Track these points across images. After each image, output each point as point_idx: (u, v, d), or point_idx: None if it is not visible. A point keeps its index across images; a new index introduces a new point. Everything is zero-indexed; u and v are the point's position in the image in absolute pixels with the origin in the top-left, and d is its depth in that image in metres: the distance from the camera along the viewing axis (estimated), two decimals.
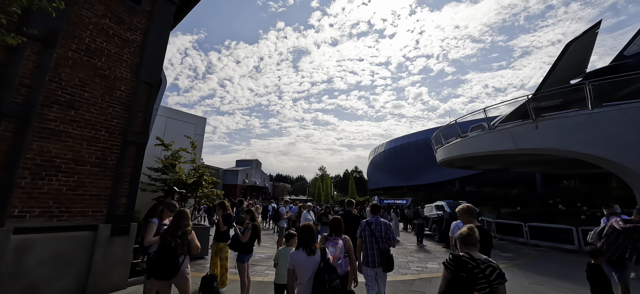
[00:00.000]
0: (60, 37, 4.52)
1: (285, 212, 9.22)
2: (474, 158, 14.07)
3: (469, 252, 2.21)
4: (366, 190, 52.68)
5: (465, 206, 3.54)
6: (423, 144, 35.20)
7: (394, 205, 23.22)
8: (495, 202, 23.98)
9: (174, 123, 9.20)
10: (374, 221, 3.95)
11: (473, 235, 2.26)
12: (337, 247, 3.28)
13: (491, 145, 11.44)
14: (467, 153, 12.72)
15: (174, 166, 7.34)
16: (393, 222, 13.21)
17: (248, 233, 4.32)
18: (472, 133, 12.91)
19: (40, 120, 4.23)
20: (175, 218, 3.55)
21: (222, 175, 56.00)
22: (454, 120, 13.69)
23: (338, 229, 3.47)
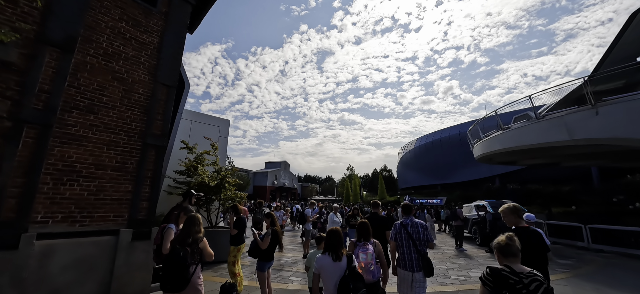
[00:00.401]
0: (78, 42, 4.52)
1: (311, 214, 8.83)
2: (518, 153, 12.60)
3: (510, 265, 1.95)
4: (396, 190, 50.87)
5: (511, 205, 3.12)
6: (456, 139, 33.03)
7: (428, 205, 21.88)
8: (543, 201, 21.58)
9: (199, 126, 9.27)
10: (409, 222, 3.72)
11: (513, 244, 2.00)
12: (368, 253, 3.14)
13: (540, 136, 10.08)
14: (510, 146, 11.39)
15: (196, 169, 7.28)
16: (428, 223, 12.27)
17: (268, 239, 3.96)
18: (515, 124, 11.55)
19: (61, 125, 4.24)
20: (185, 224, 3.28)
21: (252, 177, 57.53)
22: (493, 111, 12.38)
23: (366, 233, 3.31)
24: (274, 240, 4.04)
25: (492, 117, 13.44)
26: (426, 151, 37.99)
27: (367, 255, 3.12)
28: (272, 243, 4.03)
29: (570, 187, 22.85)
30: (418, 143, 40.59)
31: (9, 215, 3.70)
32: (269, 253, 4.03)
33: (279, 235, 4.13)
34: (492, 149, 12.82)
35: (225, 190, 7.50)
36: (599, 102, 8.60)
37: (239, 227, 4.86)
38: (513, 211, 3.05)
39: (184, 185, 7.61)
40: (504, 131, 11.85)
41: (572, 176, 25.00)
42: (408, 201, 15.63)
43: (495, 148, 12.49)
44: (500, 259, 2.04)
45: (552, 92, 10.36)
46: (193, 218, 3.31)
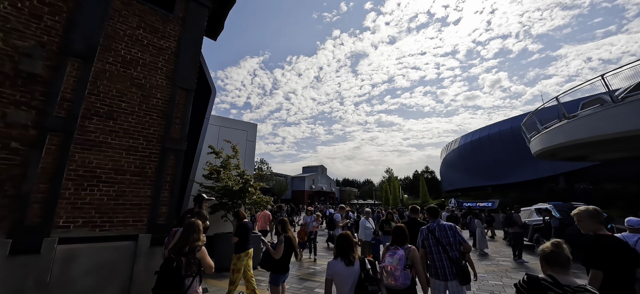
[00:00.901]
0: (98, 51, 4.64)
1: (340, 219, 8.26)
2: (590, 145, 10.53)
3: (554, 275, 1.73)
4: (440, 192, 47.43)
5: (589, 209, 2.52)
6: (508, 135, 29.57)
7: (477, 209, 19.73)
8: (626, 203, 17.96)
9: (227, 131, 9.33)
10: (436, 226, 3.47)
11: (561, 251, 1.78)
12: (395, 257, 2.99)
13: (619, 124, 8.22)
14: (579, 138, 9.54)
15: (219, 173, 7.20)
16: (478, 230, 10.83)
17: (281, 248, 3.53)
18: (585, 111, 9.66)
19: (82, 132, 4.34)
20: (183, 231, 3.00)
21: (290, 182, 58.57)
22: (554, 98, 10.54)
23: (400, 238, 3.16)
24: (288, 249, 3.59)
25: (551, 107, 11.52)
26: (472, 149, 34.71)
27: (393, 259, 2.97)
28: (286, 252, 3.58)
29: None
30: (463, 141, 37.33)
31: (34, 220, 3.82)
32: (284, 264, 3.58)
33: (294, 242, 3.67)
34: (555, 143, 10.93)
35: (249, 194, 7.32)
36: None
37: (241, 234, 4.50)
38: (592, 216, 2.46)
39: (212, 190, 7.61)
40: (569, 120, 10.00)
41: None
42: (454, 205, 14.35)
43: (559, 141, 10.61)
44: (544, 268, 1.82)
45: (634, 67, 8.39)
46: (191, 224, 3.01)
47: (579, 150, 12.53)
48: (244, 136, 9.74)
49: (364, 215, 7.84)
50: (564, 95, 10.49)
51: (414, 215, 5.47)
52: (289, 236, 3.68)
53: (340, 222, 8.10)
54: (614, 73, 8.63)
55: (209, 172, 7.21)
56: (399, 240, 3.18)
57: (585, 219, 2.50)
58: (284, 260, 3.67)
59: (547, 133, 11.44)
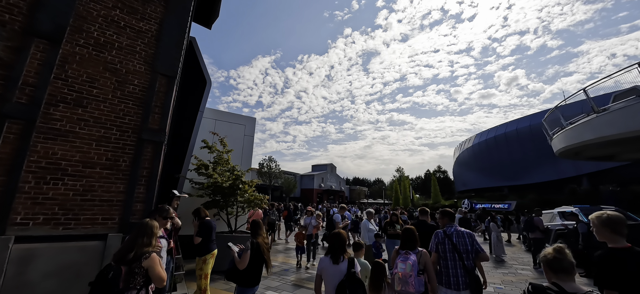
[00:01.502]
0: (67, 32, 4.23)
1: (340, 220, 7.66)
2: (621, 143, 9.48)
3: (559, 282, 1.64)
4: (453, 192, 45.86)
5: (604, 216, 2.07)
6: (527, 133, 28.00)
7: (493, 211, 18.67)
8: None
9: (223, 125, 8.91)
10: (453, 231, 3.26)
11: (564, 257, 1.69)
12: (408, 263, 2.83)
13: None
14: (610, 134, 8.54)
15: (207, 168, 6.74)
16: (494, 234, 9.99)
17: (247, 256, 2.98)
18: (617, 104, 8.64)
19: (46, 120, 3.94)
20: (132, 234, 2.51)
21: (299, 180, 58.27)
22: (582, 90, 9.53)
23: (410, 241, 3.05)
24: (256, 257, 3.03)
25: (575, 104, 10.51)
26: (487, 148, 33.19)
27: (406, 266, 2.81)
28: (253, 261, 3.01)
29: None
30: (477, 140, 35.79)
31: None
32: (251, 275, 3.02)
33: (264, 249, 3.11)
34: (581, 140, 9.91)
35: (241, 191, 6.83)
36: None
37: (203, 234, 4.03)
38: (605, 224, 2.02)
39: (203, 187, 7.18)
40: (599, 115, 8.99)
41: None
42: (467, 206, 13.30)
43: (586, 138, 9.59)
44: (549, 275, 1.75)
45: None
46: (143, 226, 2.52)
47: (607, 148, 11.40)
48: (242, 130, 9.29)
49: (366, 216, 7.21)
50: (591, 87, 9.46)
51: (423, 217, 5.21)
52: (257, 242, 3.12)
53: (340, 223, 7.51)
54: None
55: (196, 167, 6.75)
56: (410, 244, 3.03)
57: (599, 227, 2.07)
58: (252, 271, 3.06)
59: (572, 129, 10.42)
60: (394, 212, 6.96)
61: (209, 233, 4.17)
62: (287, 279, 6.34)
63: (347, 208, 8.49)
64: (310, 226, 7.42)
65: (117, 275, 2.22)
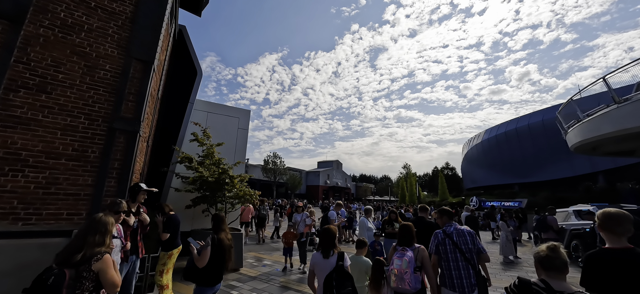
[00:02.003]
0: (30, 12, 3.90)
1: (335, 217, 7.23)
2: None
3: (547, 280, 1.63)
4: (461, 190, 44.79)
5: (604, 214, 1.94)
6: (539, 128, 26.89)
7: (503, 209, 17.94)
8: None
9: (216, 118, 8.56)
10: (453, 230, 3.13)
11: (557, 256, 1.65)
12: (404, 259, 2.81)
13: None
14: (634, 126, 7.82)
15: (191, 161, 6.40)
16: (503, 234, 9.41)
17: (206, 253, 2.60)
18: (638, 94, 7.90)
19: (4, 106, 3.63)
20: (80, 230, 2.18)
21: (304, 176, 58.08)
22: (601, 78, 8.79)
23: (407, 238, 3.04)
24: (217, 254, 2.64)
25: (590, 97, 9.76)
26: (497, 144, 32.11)
27: (402, 262, 2.80)
28: (215, 258, 2.63)
29: None
30: (487, 136, 34.69)
31: None
32: (211, 274, 2.64)
33: (225, 246, 2.72)
34: (600, 133, 9.19)
35: (230, 186, 6.47)
36: None
37: (170, 229, 3.72)
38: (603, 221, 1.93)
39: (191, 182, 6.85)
40: (620, 105, 8.26)
41: None
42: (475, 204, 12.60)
43: (606, 131, 8.87)
44: (539, 272, 1.73)
45: None
46: (95, 222, 2.18)
47: (628, 142, 10.58)
48: (235, 123, 8.93)
49: (364, 214, 6.75)
50: (612, 75, 8.68)
51: (422, 214, 5.08)
52: (219, 237, 2.74)
53: (335, 220, 7.08)
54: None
55: (180, 160, 6.42)
56: (406, 240, 3.02)
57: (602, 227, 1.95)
58: (212, 269, 2.74)
59: (589, 122, 9.69)
60: (393, 210, 6.45)
61: (175, 228, 3.88)
62: (276, 279, 5.97)
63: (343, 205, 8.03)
64: (301, 224, 7.02)
65: (59, 280, 1.86)
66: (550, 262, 1.67)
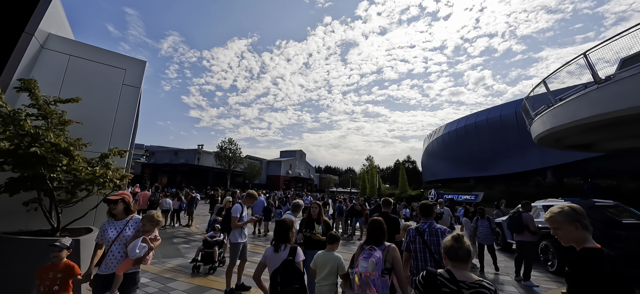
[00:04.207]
0: None
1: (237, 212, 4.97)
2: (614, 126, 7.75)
3: (452, 270, 1.66)
4: (421, 183, 45.49)
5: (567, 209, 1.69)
6: (496, 124, 27.23)
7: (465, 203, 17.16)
8: (625, 202, 15.87)
9: (86, 66, 5.72)
10: (426, 228, 3.01)
11: (461, 246, 1.70)
12: (370, 261, 2.42)
13: None
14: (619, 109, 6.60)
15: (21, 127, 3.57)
16: (467, 232, 7.91)
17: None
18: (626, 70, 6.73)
19: None
20: None
21: (265, 166, 54.98)
22: (582, 54, 7.54)
23: (377, 235, 2.69)
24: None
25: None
26: (457, 138, 32.36)
27: (368, 264, 2.39)
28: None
29: None
30: (447, 129, 34.93)
31: None
32: None
33: None
34: (575, 118, 8.03)
35: (69, 160, 3.83)
36: None
37: None
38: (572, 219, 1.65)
39: None
40: (601, 86, 7.06)
41: None
42: (433, 196, 10.18)
43: (582, 116, 7.69)
44: (446, 262, 1.77)
45: None
46: None
47: (589, 134, 9.83)
48: (119, 77, 6.12)
49: (291, 209, 4.55)
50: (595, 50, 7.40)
51: (386, 209, 4.69)
52: None
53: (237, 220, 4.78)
54: None
55: None
56: (376, 238, 2.69)
57: (564, 225, 1.68)
58: None
59: (562, 107, 8.55)
60: (316, 202, 4.26)
61: None
62: None
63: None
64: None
65: None
66: (455, 252, 1.69)
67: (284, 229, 2.72)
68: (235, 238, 4.53)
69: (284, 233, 2.69)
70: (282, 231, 2.71)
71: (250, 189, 6.95)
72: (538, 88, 10.11)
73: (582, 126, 8.34)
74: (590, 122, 7.74)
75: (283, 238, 2.67)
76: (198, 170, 41.79)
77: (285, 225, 2.74)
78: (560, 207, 1.73)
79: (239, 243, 4.54)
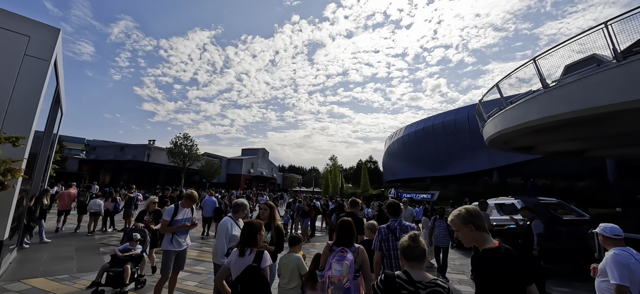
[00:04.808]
0: None
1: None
2: (558, 128, 8.37)
3: (409, 271, 1.70)
4: (382, 182, 46.96)
5: (463, 212, 1.83)
6: (451, 126, 29.01)
7: (426, 202, 17.69)
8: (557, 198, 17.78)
9: None
10: (397, 226, 3.03)
11: (417, 245, 1.73)
12: (344, 264, 2.35)
13: (627, 90, 5.72)
14: (564, 112, 7.00)
15: None
16: (425, 232, 7.88)
17: None
18: (571, 76, 7.19)
19: None
20: None
21: (225, 164, 52.24)
22: (531, 59, 7.95)
23: (347, 237, 2.60)
24: None
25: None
26: (416, 139, 33.89)
27: (343, 267, 2.32)
28: None
29: (584, 183, 19.21)
30: (407, 131, 36.44)
31: None
32: None
33: None
34: (524, 121, 8.46)
35: None
36: None
37: None
38: (466, 221, 1.78)
39: None
40: (548, 90, 7.47)
41: (584, 171, 21.49)
42: (392, 195, 9.79)
43: (530, 118, 8.11)
44: (403, 263, 1.77)
45: None
46: None
47: (532, 137, 10.60)
48: (19, 46, 4.81)
49: (232, 210, 3.83)
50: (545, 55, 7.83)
51: (353, 209, 4.74)
52: None
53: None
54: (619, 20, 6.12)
55: None
56: (346, 239, 2.59)
57: (460, 227, 1.80)
58: None
59: (512, 109, 9.01)
60: (266, 204, 3.62)
61: None
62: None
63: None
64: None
65: None
66: (412, 252, 1.71)
67: (252, 231, 2.46)
68: (166, 245, 3.69)
69: (251, 236, 2.45)
70: (249, 233, 2.46)
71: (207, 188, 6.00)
72: (493, 94, 10.59)
73: (529, 128, 8.85)
74: (536, 125, 8.19)
75: (250, 241, 2.43)
76: (148, 168, 38.05)
77: (253, 226, 2.49)
78: (459, 210, 1.83)
79: (170, 251, 3.70)
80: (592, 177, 20.68)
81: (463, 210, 1.82)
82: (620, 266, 2.35)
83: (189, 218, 3.94)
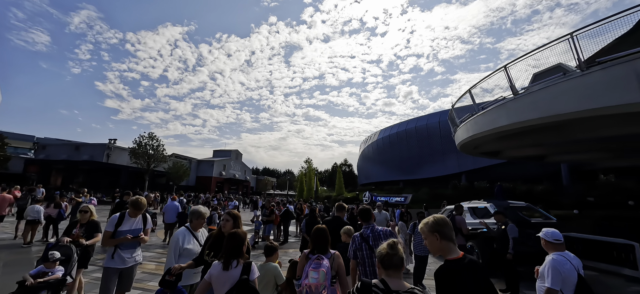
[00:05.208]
0: None
1: None
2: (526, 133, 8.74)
3: (386, 279, 1.66)
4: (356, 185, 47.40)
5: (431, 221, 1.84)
6: (424, 131, 29.95)
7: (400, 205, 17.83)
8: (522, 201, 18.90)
9: None
10: (370, 233, 2.96)
11: (396, 253, 1.70)
12: (321, 271, 2.34)
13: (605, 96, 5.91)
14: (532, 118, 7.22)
15: None
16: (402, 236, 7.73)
17: None
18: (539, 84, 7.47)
19: None
20: None
21: (194, 166, 49.74)
22: (503, 67, 8.20)
23: (322, 244, 2.59)
24: None
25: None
26: (391, 144, 34.58)
27: (319, 274, 2.30)
28: None
29: (542, 186, 20.63)
30: (381, 135, 37.12)
31: None
32: None
33: None
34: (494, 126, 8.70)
35: None
36: None
37: None
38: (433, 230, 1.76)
39: None
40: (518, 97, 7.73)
41: (541, 175, 23.12)
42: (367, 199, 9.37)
43: (501, 124, 8.36)
44: (380, 271, 1.75)
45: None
46: None
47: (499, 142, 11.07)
48: None
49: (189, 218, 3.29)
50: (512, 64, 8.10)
51: (339, 214, 4.57)
52: None
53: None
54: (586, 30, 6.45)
55: None
56: (321, 246, 2.58)
57: (427, 235, 1.79)
58: None
59: (483, 115, 9.27)
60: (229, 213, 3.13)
61: None
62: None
63: None
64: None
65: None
66: (390, 260, 1.67)
67: (237, 242, 2.33)
68: (107, 262, 3.07)
69: (236, 247, 2.31)
70: (234, 244, 2.31)
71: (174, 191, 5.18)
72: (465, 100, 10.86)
73: (498, 133, 9.13)
74: (506, 130, 8.45)
75: (235, 252, 2.29)
76: (107, 169, 35.00)
77: (238, 237, 2.35)
78: (428, 219, 1.83)
79: (111, 269, 3.08)
80: (549, 181, 22.30)
81: (431, 218, 1.82)
82: (554, 271, 2.47)
83: (139, 229, 3.34)
